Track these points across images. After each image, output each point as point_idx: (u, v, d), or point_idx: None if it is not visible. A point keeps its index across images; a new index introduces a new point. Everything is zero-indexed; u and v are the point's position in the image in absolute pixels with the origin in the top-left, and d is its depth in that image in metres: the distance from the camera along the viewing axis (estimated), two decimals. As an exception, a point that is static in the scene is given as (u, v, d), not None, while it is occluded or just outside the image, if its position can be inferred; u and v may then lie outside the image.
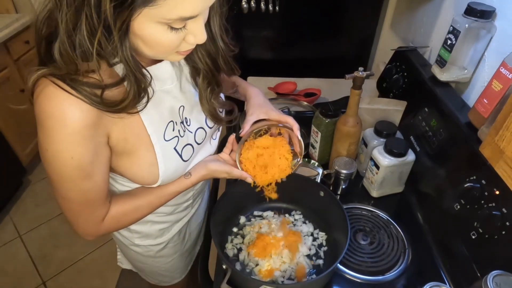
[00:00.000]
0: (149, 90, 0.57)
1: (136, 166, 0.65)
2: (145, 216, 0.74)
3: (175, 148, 0.68)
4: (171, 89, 0.67)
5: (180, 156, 0.70)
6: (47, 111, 0.51)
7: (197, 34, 0.53)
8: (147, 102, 0.58)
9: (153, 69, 0.61)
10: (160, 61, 0.63)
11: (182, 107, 0.69)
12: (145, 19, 0.47)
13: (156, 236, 0.87)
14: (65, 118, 0.51)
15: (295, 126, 0.76)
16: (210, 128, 0.77)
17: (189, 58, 0.67)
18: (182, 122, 0.70)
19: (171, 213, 0.86)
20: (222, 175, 0.76)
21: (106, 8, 0.43)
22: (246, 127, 0.75)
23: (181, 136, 0.69)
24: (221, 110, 0.77)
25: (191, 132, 0.72)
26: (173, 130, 0.67)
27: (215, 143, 0.83)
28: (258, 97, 0.81)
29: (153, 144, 0.63)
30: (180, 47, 0.55)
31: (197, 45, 0.61)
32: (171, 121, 0.67)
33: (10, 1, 2.27)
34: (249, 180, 0.75)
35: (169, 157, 0.67)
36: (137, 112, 0.58)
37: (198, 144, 0.75)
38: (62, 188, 0.59)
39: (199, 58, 0.66)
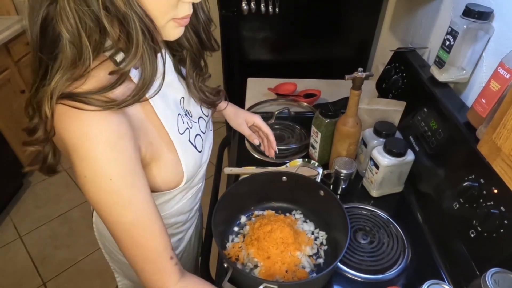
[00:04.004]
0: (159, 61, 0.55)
1: (163, 171, 0.64)
2: None
3: (189, 140, 0.69)
4: (172, 81, 0.67)
5: (195, 147, 0.70)
6: (80, 133, 0.48)
7: None
8: (164, 67, 0.57)
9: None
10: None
11: (182, 99, 0.70)
12: None
13: (174, 247, 0.86)
14: (101, 134, 0.48)
15: (272, 138, 0.95)
16: (207, 116, 0.79)
17: (176, 44, 0.67)
18: (186, 114, 0.71)
19: (186, 220, 0.85)
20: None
21: None
22: (247, 131, 0.96)
23: (190, 127, 0.70)
24: (209, 95, 0.78)
25: (196, 122, 0.74)
26: (183, 122, 0.68)
27: (212, 134, 0.84)
28: (233, 106, 0.98)
29: (172, 141, 0.64)
30: (178, 10, 0.53)
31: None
32: (179, 113, 0.68)
33: (11, 3, 2.28)
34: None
35: (187, 150, 0.67)
36: (159, 88, 0.56)
37: (203, 133, 0.76)
38: (110, 225, 0.54)
39: (186, 38, 0.66)
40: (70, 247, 1.93)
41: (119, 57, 0.51)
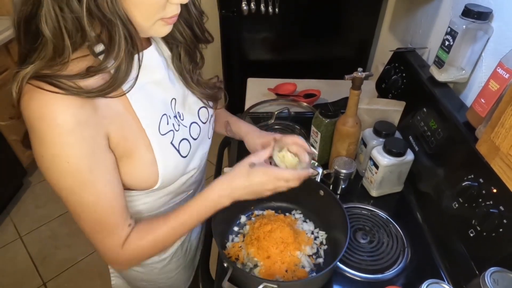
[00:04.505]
0: (136, 58, 0.55)
1: (136, 169, 0.63)
2: (169, 245, 0.68)
3: (171, 143, 0.67)
4: (161, 80, 0.66)
5: (178, 151, 0.68)
6: (37, 113, 0.49)
7: None
8: (138, 70, 0.56)
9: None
10: (146, 48, 0.62)
11: (174, 100, 0.69)
12: None
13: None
14: (56, 116, 0.49)
15: (301, 142, 0.77)
16: (204, 123, 0.78)
17: (170, 36, 0.66)
18: (175, 116, 0.69)
19: None
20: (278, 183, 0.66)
21: None
22: (263, 152, 0.75)
23: (176, 130, 0.68)
24: (211, 89, 0.78)
25: (186, 127, 0.72)
26: (167, 123, 0.66)
27: (209, 142, 0.82)
28: (255, 131, 0.89)
29: (149, 139, 0.62)
30: (166, 11, 0.54)
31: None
32: (164, 114, 0.66)
33: (11, 3, 2.28)
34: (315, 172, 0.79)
35: (167, 152, 0.66)
36: (130, 89, 0.56)
37: (195, 139, 0.74)
38: (68, 204, 0.56)
39: (179, 31, 0.66)
40: (70, 247, 1.93)
41: (98, 47, 0.52)
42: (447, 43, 0.89)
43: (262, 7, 1.46)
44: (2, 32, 1.98)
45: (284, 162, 0.72)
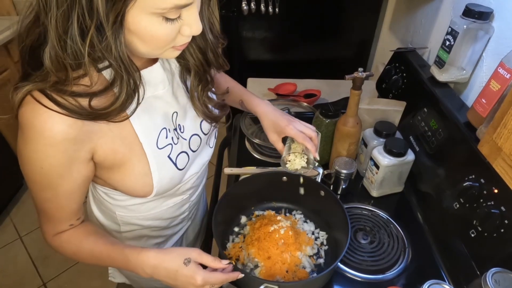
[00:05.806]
0: (140, 90, 0.56)
1: (128, 178, 0.64)
2: (88, 263, 0.70)
3: (169, 156, 0.67)
4: (163, 94, 0.66)
5: (175, 164, 0.69)
6: (29, 121, 0.52)
7: (192, 24, 0.52)
8: (137, 105, 0.56)
9: (144, 73, 0.60)
10: (151, 64, 0.62)
11: (175, 113, 0.69)
12: (139, 11, 0.46)
13: None
14: (45, 130, 0.51)
15: (310, 145, 0.78)
16: (205, 134, 0.77)
17: (180, 56, 0.65)
18: (175, 129, 0.69)
19: (167, 226, 0.85)
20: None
21: (98, 3, 0.43)
22: (280, 147, 0.82)
23: (175, 144, 0.68)
24: (213, 108, 0.76)
25: (185, 139, 0.72)
26: (166, 137, 0.66)
27: (211, 151, 0.82)
28: (268, 115, 0.82)
29: (145, 153, 0.62)
30: (176, 41, 0.54)
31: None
32: (164, 128, 0.66)
33: (11, 3, 2.28)
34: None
35: (163, 165, 0.66)
36: (127, 118, 0.57)
37: (193, 151, 0.74)
38: (30, 188, 0.60)
39: (190, 54, 0.65)
40: (70, 247, 1.93)
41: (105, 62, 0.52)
42: (447, 43, 0.89)
43: (262, 7, 1.46)
44: (2, 32, 1.98)
45: (296, 150, 0.80)
